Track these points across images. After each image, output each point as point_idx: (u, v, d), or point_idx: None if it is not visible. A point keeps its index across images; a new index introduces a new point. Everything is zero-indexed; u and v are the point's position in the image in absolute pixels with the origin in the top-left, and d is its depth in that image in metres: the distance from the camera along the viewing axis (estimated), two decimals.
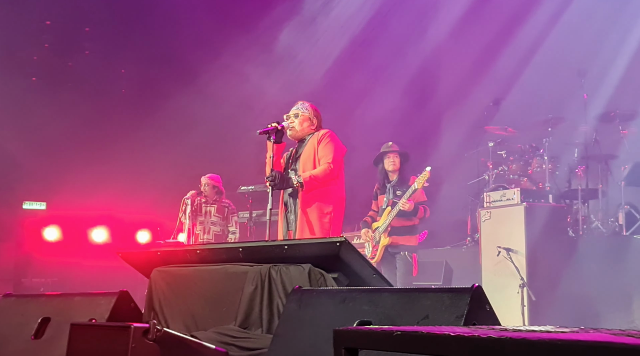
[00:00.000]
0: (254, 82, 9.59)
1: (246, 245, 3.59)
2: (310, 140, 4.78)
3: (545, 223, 6.59)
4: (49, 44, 9.42)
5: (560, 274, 6.49)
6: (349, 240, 3.20)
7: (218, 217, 7.57)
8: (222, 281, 3.47)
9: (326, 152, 4.67)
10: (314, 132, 4.83)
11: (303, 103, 4.91)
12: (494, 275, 6.49)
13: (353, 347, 1.68)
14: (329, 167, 4.62)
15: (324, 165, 4.64)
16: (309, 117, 4.84)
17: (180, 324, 3.53)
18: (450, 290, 2.47)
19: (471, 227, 8.03)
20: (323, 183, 4.62)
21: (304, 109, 4.85)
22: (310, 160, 4.70)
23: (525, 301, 6.15)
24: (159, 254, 3.88)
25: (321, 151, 4.68)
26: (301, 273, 3.17)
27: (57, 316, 3.69)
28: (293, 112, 4.86)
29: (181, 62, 9.49)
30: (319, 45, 9.92)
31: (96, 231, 9.18)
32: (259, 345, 3.07)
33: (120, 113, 9.52)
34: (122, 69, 9.76)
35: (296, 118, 4.82)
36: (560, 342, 1.23)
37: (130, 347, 2.76)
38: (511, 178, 7.37)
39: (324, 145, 4.69)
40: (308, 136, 4.83)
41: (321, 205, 4.60)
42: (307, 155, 4.73)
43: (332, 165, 4.63)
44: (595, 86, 8.15)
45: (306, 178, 4.58)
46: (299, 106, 4.88)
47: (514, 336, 1.32)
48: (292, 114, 4.85)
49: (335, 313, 2.69)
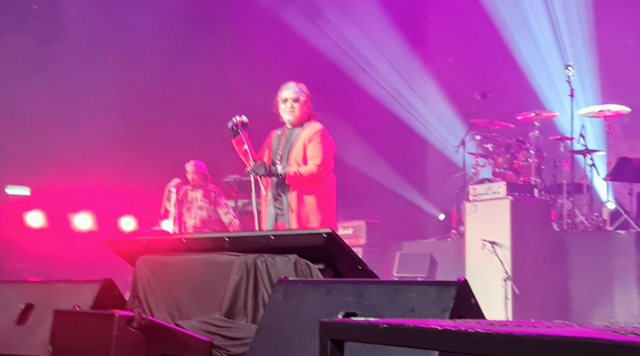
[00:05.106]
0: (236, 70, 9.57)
1: (232, 235, 3.59)
2: (302, 135, 4.61)
3: (531, 217, 6.62)
4: (35, 29, 9.32)
5: (544, 268, 6.54)
6: (335, 232, 3.20)
7: (205, 201, 7.53)
8: (208, 270, 3.46)
9: (315, 153, 4.53)
10: (308, 119, 4.66)
11: (298, 85, 4.66)
12: (478, 268, 6.53)
13: (339, 339, 1.68)
14: (316, 169, 4.51)
15: (312, 167, 4.51)
16: (307, 101, 4.64)
17: (165, 313, 3.52)
18: (436, 283, 2.48)
19: (457, 220, 8.06)
20: (306, 183, 4.54)
21: (302, 93, 4.62)
22: (301, 156, 4.57)
23: (509, 295, 6.20)
24: (144, 242, 3.87)
25: (311, 151, 4.55)
26: (287, 264, 3.17)
27: (41, 302, 3.67)
28: (291, 96, 4.61)
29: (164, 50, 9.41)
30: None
31: (80, 217, 9.12)
32: (243, 334, 3.08)
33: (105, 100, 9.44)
34: (109, 55, 9.68)
35: (296, 103, 4.60)
36: (548, 338, 1.23)
37: (115, 335, 2.75)
38: (497, 171, 7.40)
39: (314, 145, 4.55)
40: (302, 123, 4.64)
41: (313, 199, 4.55)
42: (299, 150, 4.59)
43: (320, 167, 4.51)
44: (582, 81, 8.21)
45: (290, 173, 4.48)
46: (295, 89, 4.63)
47: (500, 331, 1.33)
48: (291, 98, 4.60)
49: (321, 304, 2.69)
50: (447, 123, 9.91)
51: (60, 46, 9.32)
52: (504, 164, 7.36)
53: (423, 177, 10.57)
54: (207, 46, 9.60)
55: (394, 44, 10.19)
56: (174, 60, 9.44)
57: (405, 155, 10.36)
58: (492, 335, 1.32)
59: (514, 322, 1.61)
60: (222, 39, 9.74)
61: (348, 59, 10.15)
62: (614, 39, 8.66)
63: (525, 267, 6.41)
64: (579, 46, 8.76)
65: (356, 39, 10.10)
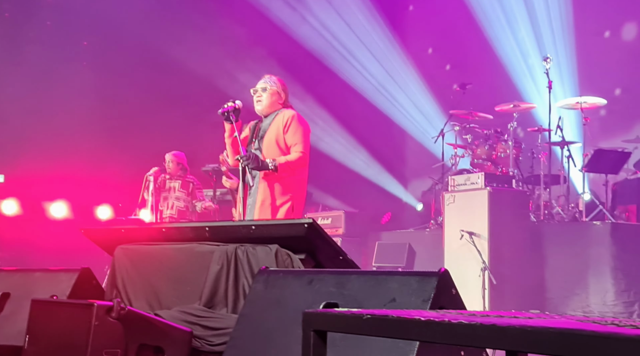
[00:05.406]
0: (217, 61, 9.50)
1: (213, 224, 3.56)
2: (275, 122, 4.62)
3: (508, 207, 6.68)
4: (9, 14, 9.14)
5: (521, 258, 6.61)
6: (316, 222, 3.20)
7: (182, 192, 7.49)
8: (188, 260, 3.44)
9: (296, 139, 4.54)
10: (281, 108, 4.72)
11: (270, 77, 4.75)
12: (456, 258, 6.57)
13: (322, 330, 1.68)
14: (302, 156, 4.53)
15: (297, 154, 4.52)
16: (277, 91, 4.68)
17: (144, 302, 3.49)
18: (417, 273, 2.48)
19: (435, 210, 8.11)
20: (294, 171, 4.56)
21: (272, 83, 4.69)
22: (274, 144, 4.56)
23: (486, 285, 6.25)
24: (123, 231, 3.83)
25: (290, 138, 4.55)
26: (268, 254, 3.16)
27: (17, 291, 3.63)
28: (260, 86, 4.70)
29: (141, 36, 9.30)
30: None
31: (55, 205, 9.01)
32: (223, 324, 3.06)
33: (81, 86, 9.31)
34: (85, 42, 9.54)
35: (264, 92, 4.67)
36: (531, 328, 1.24)
37: (93, 325, 2.72)
38: (476, 162, 7.45)
39: (293, 132, 4.55)
40: (274, 113, 4.71)
41: (284, 190, 4.52)
42: (271, 138, 4.58)
43: (303, 153, 4.54)
44: (560, 73, 8.28)
45: (282, 162, 4.49)
46: (266, 79, 4.72)
47: (484, 322, 1.33)
48: (260, 88, 4.69)
49: (302, 294, 2.69)
50: (427, 114, 9.95)
51: (34, 31, 9.17)
52: (483, 155, 7.41)
53: (402, 167, 10.62)
54: (187, 33, 9.50)
55: (375, 34, 10.20)
56: (152, 46, 9.33)
57: (384, 146, 10.39)
58: (475, 326, 1.33)
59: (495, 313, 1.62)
60: (201, 26, 9.65)
61: (329, 48, 10.13)
62: (592, 31, 8.74)
63: (503, 257, 6.47)
64: (558, 38, 8.83)
65: (337, 28, 10.08)
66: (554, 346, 1.18)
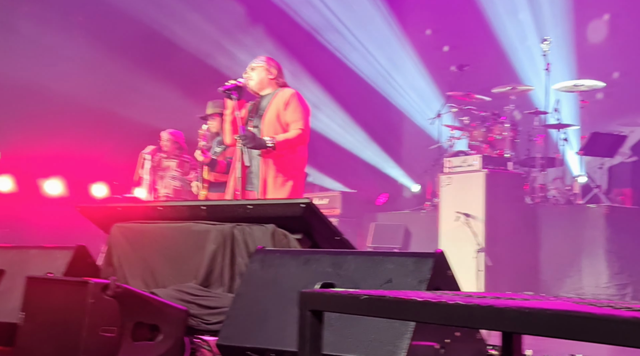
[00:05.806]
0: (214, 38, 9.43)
1: (210, 203, 3.56)
2: (275, 100, 4.62)
3: (504, 190, 6.70)
4: None
5: (516, 240, 6.64)
6: (313, 202, 3.19)
7: (178, 171, 7.45)
8: (184, 239, 3.44)
9: (296, 116, 4.55)
10: (278, 87, 4.72)
11: (258, 57, 4.86)
12: (451, 239, 6.59)
13: (319, 310, 1.68)
14: (302, 133, 4.53)
15: (297, 131, 4.52)
16: (265, 67, 4.73)
17: (140, 281, 3.49)
18: (413, 254, 2.49)
19: (431, 192, 8.12)
20: (293, 148, 4.56)
21: (259, 61, 4.77)
22: (274, 122, 4.56)
23: (481, 266, 6.28)
24: (119, 209, 3.82)
25: (290, 115, 4.55)
26: (264, 234, 3.16)
27: (12, 268, 3.62)
28: (250, 66, 4.80)
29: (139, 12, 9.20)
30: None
31: (50, 182, 8.97)
32: (219, 303, 3.07)
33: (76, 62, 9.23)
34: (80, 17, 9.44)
35: (252, 71, 4.75)
36: (528, 310, 1.24)
37: (89, 303, 2.72)
38: (472, 144, 7.44)
39: (293, 109, 4.56)
40: (270, 91, 4.69)
41: (285, 168, 4.53)
42: (271, 116, 4.58)
43: (303, 130, 4.54)
44: (558, 55, 8.24)
45: (280, 140, 4.49)
46: (255, 59, 4.83)
47: (481, 303, 1.33)
48: (249, 68, 4.79)
49: (298, 274, 2.70)
50: (424, 95, 9.92)
51: (29, 6, 9.07)
52: (479, 137, 7.40)
53: (399, 148, 10.61)
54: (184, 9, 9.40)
55: (373, 15, 10.12)
56: (148, 23, 9.25)
57: (381, 126, 10.37)
58: (472, 307, 1.33)
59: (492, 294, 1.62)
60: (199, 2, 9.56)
61: (326, 28, 10.06)
62: (591, 13, 8.69)
63: (498, 239, 6.50)
64: (557, 20, 8.78)
65: (335, 9, 10.00)
66: (551, 327, 1.19)
